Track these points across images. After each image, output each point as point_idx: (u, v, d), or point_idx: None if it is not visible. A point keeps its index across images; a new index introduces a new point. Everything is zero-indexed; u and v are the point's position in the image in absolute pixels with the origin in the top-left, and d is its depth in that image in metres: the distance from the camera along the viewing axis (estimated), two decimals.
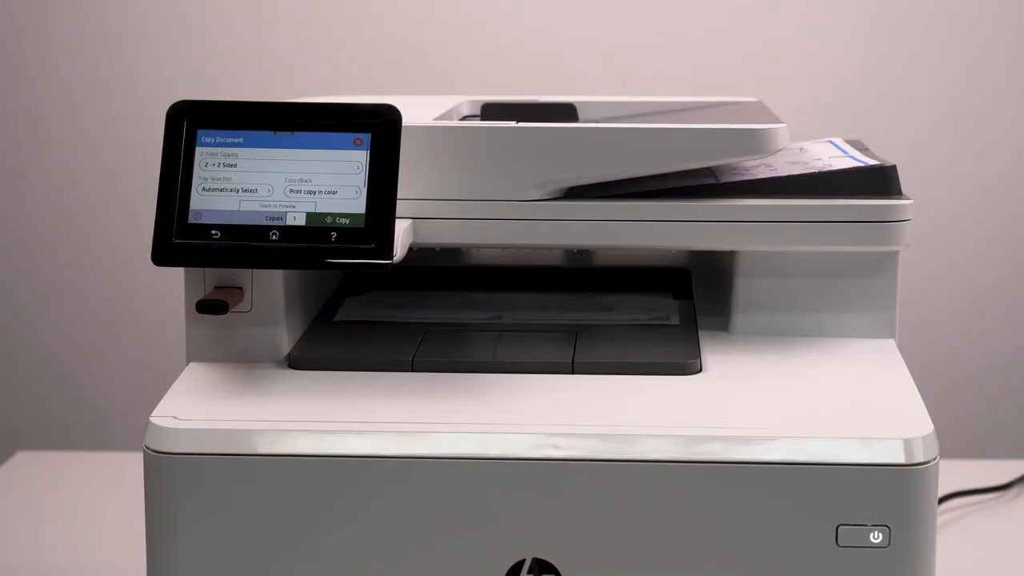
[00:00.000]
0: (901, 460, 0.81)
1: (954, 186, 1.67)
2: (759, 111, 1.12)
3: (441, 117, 1.06)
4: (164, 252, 0.88)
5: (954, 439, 1.12)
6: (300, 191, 0.88)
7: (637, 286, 1.10)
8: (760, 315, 0.99)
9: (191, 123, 0.89)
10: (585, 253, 1.15)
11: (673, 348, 0.96)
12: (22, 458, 1.53)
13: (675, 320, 0.99)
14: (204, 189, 0.88)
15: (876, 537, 0.82)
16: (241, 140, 0.89)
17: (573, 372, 0.92)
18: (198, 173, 0.89)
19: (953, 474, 1.23)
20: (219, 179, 0.89)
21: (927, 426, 0.84)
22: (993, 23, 1.65)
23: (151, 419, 0.86)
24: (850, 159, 1.02)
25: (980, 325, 1.70)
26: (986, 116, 1.66)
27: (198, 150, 0.89)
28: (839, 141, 1.12)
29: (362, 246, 0.87)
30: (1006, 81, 1.66)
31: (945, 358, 1.69)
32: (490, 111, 1.19)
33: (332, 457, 0.83)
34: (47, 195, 1.76)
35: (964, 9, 1.65)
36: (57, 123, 1.75)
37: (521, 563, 0.83)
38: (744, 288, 0.99)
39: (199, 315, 0.91)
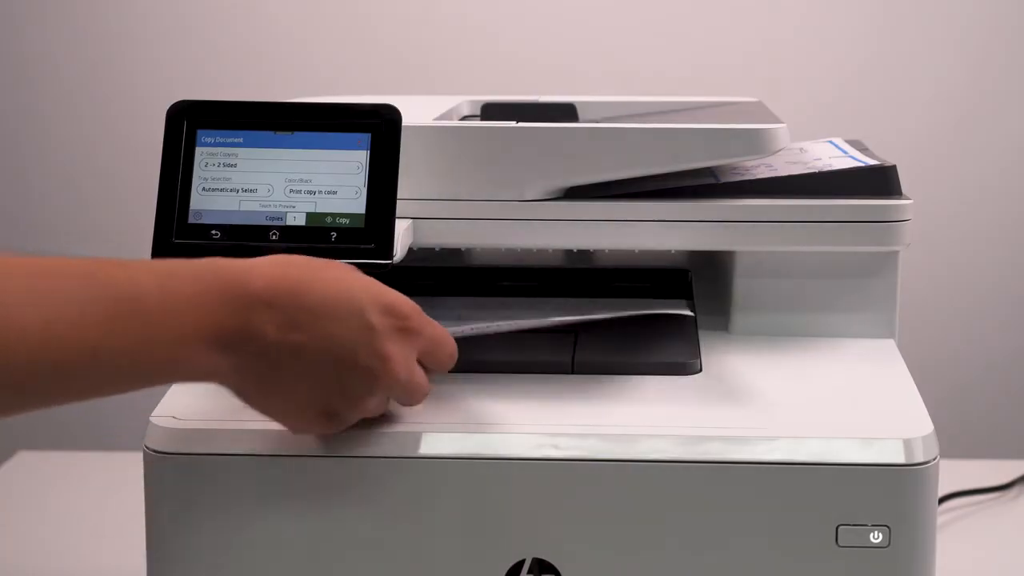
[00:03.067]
0: (901, 460, 0.81)
1: (954, 186, 1.67)
2: (759, 111, 1.12)
3: (441, 117, 1.06)
4: (164, 252, 0.88)
5: (954, 439, 1.12)
6: (300, 191, 0.88)
7: (637, 287, 1.10)
8: (760, 315, 0.98)
9: (191, 123, 0.89)
10: (585, 253, 1.15)
11: (673, 348, 0.96)
12: (22, 458, 1.53)
13: (684, 311, 0.98)
14: (204, 189, 0.88)
15: (876, 537, 0.82)
16: (241, 140, 0.89)
17: (573, 372, 0.92)
18: (198, 173, 0.89)
19: (953, 474, 1.23)
20: (219, 179, 0.89)
21: (927, 426, 0.84)
22: (993, 23, 1.65)
23: (151, 419, 0.86)
24: (850, 159, 1.02)
25: (980, 325, 1.70)
26: (986, 116, 1.66)
27: (198, 150, 0.89)
28: (839, 141, 1.12)
29: (362, 246, 0.87)
30: (1006, 81, 1.66)
31: (945, 358, 1.69)
32: (490, 111, 1.19)
33: (332, 457, 0.83)
34: (47, 195, 1.76)
35: (964, 9, 1.65)
36: (57, 123, 1.75)
37: (521, 563, 0.83)
38: (744, 288, 0.99)
39: None
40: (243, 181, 0.88)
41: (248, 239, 0.87)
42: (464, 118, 1.18)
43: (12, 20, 1.73)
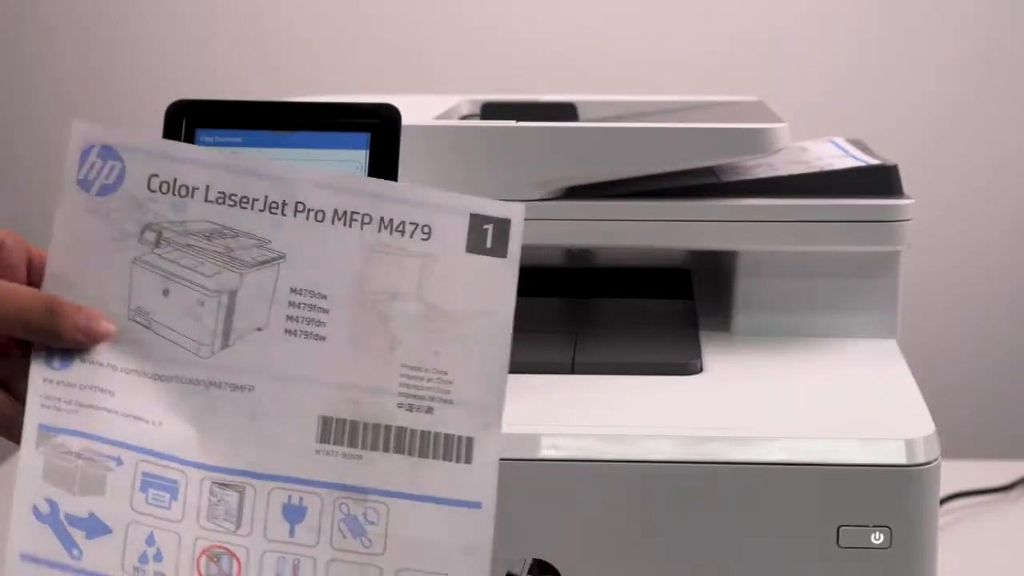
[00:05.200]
0: (903, 461, 0.81)
1: (956, 186, 1.67)
2: (760, 110, 1.12)
3: (441, 117, 1.06)
4: None
5: (955, 440, 1.11)
6: None
7: (638, 287, 1.09)
8: (761, 315, 0.98)
9: (190, 122, 0.89)
10: (585, 254, 1.14)
11: (674, 348, 0.95)
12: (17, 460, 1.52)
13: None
14: None
15: (877, 538, 0.81)
16: (240, 140, 0.89)
17: (573, 372, 0.92)
18: None
19: (955, 475, 1.23)
20: None
21: (928, 426, 0.83)
22: (996, 22, 1.65)
23: None
24: (851, 158, 1.02)
25: (982, 325, 1.70)
26: (988, 116, 1.66)
27: None
28: (840, 140, 1.12)
29: None
30: (1009, 80, 1.66)
31: (947, 358, 1.68)
32: (490, 110, 1.19)
33: None
34: (46, 194, 1.76)
35: (967, 8, 1.64)
36: (57, 123, 1.74)
37: (521, 563, 0.83)
38: (745, 288, 0.98)
39: None
40: None
41: None
42: (464, 117, 1.18)
43: (12, 20, 1.73)
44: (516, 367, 0.92)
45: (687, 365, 0.92)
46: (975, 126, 1.66)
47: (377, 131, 0.88)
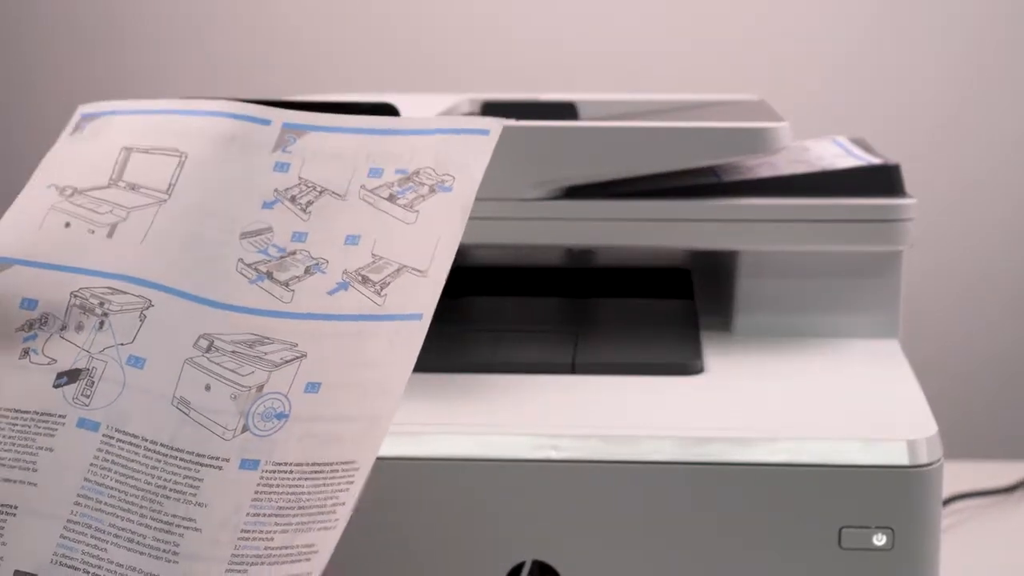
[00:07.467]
0: (905, 462, 0.81)
1: (959, 184, 1.66)
2: (761, 109, 1.12)
3: (441, 116, 1.05)
4: None
5: (958, 441, 1.11)
6: None
7: (638, 287, 1.09)
8: (762, 315, 0.98)
9: None
10: (585, 254, 1.14)
11: (674, 348, 0.95)
12: None
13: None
14: None
15: (879, 539, 0.81)
16: None
17: (574, 372, 0.92)
18: None
19: (957, 476, 1.22)
20: None
21: (931, 427, 0.83)
22: (999, 22, 1.64)
23: None
24: (853, 158, 1.02)
25: (984, 325, 1.69)
26: (990, 115, 1.66)
27: None
28: (842, 139, 1.11)
29: None
30: (1011, 80, 1.65)
31: (949, 358, 1.68)
32: (490, 110, 1.19)
33: None
34: None
35: (969, 7, 1.64)
36: (57, 123, 1.74)
37: (521, 565, 0.83)
38: (746, 288, 0.98)
39: None
40: None
41: None
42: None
43: (12, 20, 1.72)
44: (516, 367, 0.92)
45: (688, 365, 0.92)
46: (979, 124, 1.66)
47: None
